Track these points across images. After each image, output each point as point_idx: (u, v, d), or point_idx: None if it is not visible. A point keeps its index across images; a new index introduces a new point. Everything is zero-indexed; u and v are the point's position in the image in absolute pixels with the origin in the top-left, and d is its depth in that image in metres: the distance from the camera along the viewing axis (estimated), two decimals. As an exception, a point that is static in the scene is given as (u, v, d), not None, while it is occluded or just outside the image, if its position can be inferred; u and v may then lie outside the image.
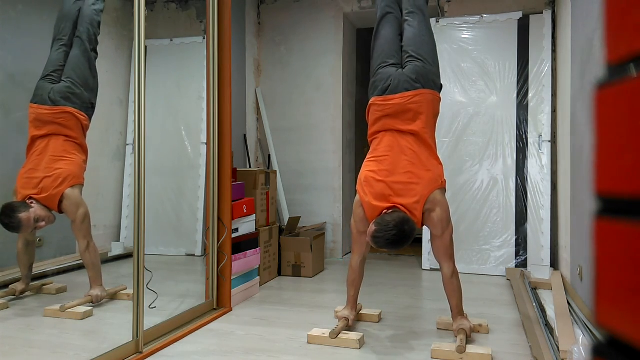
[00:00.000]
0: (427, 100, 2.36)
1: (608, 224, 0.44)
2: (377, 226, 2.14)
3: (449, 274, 2.31)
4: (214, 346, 2.30)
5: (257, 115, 4.78)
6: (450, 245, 2.31)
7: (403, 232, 2.11)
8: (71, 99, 2.79)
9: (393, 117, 2.36)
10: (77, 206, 2.70)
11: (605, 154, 0.45)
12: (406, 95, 2.34)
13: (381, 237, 2.11)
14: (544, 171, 3.80)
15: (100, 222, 3.73)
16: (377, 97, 2.41)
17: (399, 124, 2.35)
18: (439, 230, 2.28)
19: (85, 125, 2.87)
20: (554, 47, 3.86)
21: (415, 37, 2.45)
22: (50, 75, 2.81)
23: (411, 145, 2.32)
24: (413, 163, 2.29)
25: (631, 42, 0.42)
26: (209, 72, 2.86)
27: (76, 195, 2.71)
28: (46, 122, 2.74)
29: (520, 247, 3.81)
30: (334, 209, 4.56)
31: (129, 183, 3.90)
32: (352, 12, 4.57)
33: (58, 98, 2.76)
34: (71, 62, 2.85)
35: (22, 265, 2.78)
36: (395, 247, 2.14)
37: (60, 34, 2.88)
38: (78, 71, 2.84)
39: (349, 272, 2.52)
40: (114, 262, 3.66)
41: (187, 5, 4.35)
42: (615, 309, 0.43)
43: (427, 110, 2.35)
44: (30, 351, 2.16)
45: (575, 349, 1.88)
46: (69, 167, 2.71)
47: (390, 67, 2.43)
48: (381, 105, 2.39)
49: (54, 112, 2.75)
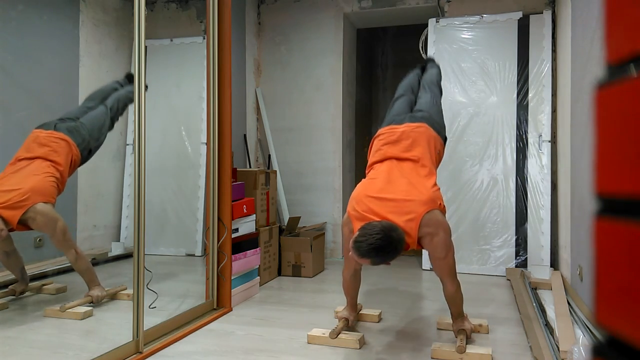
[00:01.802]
0: (430, 135, 2.40)
1: (608, 224, 0.44)
2: (361, 230, 1.95)
3: (452, 291, 2.23)
4: (214, 346, 2.30)
5: (257, 115, 4.78)
6: (453, 264, 2.19)
7: (389, 238, 1.91)
8: (74, 133, 2.85)
9: (394, 144, 2.37)
10: (55, 221, 2.59)
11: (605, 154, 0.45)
12: (410, 125, 2.42)
13: (363, 242, 1.90)
14: (544, 171, 3.80)
15: (100, 222, 3.73)
16: (382, 128, 2.50)
17: (399, 151, 2.33)
18: (442, 253, 2.12)
19: (75, 161, 2.83)
20: (554, 47, 3.86)
21: (426, 102, 2.66)
22: (65, 118, 2.92)
23: (409, 169, 2.26)
24: (410, 183, 2.18)
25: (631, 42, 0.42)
26: (209, 72, 2.86)
27: (49, 209, 2.59)
28: (39, 144, 2.73)
29: (520, 247, 3.81)
30: (334, 209, 4.56)
31: (129, 183, 3.90)
32: (352, 12, 4.57)
33: (63, 128, 2.83)
34: (88, 116, 3.01)
35: (12, 270, 2.77)
36: (379, 255, 1.91)
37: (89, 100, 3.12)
38: (91, 121, 2.97)
39: (342, 281, 2.49)
40: (114, 262, 3.66)
41: (187, 5, 4.35)
42: (615, 309, 0.43)
43: (428, 142, 2.36)
44: (30, 351, 2.16)
45: (575, 349, 1.88)
46: (39, 183, 2.60)
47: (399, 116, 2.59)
48: (385, 134, 2.44)
49: (52, 136, 2.78)
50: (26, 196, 2.52)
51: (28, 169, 2.66)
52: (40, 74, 3.13)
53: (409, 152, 2.32)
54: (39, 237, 3.03)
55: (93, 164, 3.08)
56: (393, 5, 4.39)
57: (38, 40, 3.12)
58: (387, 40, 6.58)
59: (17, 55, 2.98)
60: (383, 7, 4.45)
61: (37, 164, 2.69)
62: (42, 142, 2.75)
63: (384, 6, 4.45)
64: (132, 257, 2.21)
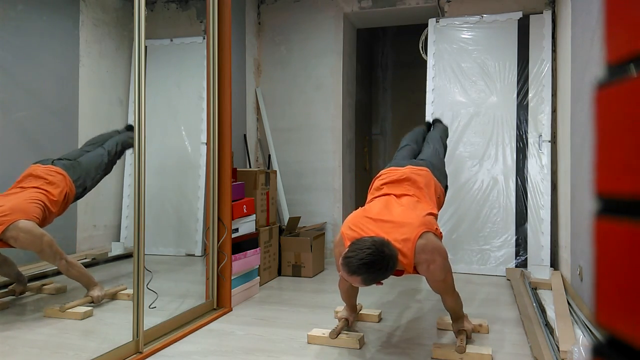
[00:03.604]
0: (430, 179, 2.42)
1: (608, 224, 0.44)
2: (351, 246, 1.87)
3: (452, 303, 2.22)
4: (214, 346, 2.30)
5: (257, 115, 4.78)
6: (452, 282, 2.15)
7: (381, 253, 1.83)
8: (70, 170, 2.86)
9: (394, 184, 2.36)
10: (39, 237, 2.50)
11: (605, 154, 0.45)
12: (413, 168, 2.44)
13: (353, 257, 1.81)
14: (544, 171, 3.80)
15: (100, 222, 3.73)
16: (384, 170, 2.52)
17: (399, 192, 2.31)
18: (440, 277, 2.06)
19: (69, 195, 2.80)
20: (554, 47, 3.86)
21: (429, 154, 2.77)
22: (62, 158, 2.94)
23: (407, 201, 2.24)
24: (407, 210, 2.14)
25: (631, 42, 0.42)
26: (209, 72, 2.86)
27: (32, 226, 2.47)
28: (36, 177, 2.72)
29: (520, 247, 3.81)
30: (334, 209, 4.56)
31: (129, 183, 3.90)
32: (352, 12, 4.57)
33: (60, 164, 2.85)
34: (86, 155, 3.04)
35: (6, 275, 2.77)
36: (370, 271, 1.81)
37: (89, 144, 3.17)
38: (88, 162, 3.01)
39: (340, 293, 2.47)
40: (114, 262, 3.66)
41: (187, 5, 4.35)
42: (615, 309, 0.43)
43: (427, 185, 2.37)
44: (30, 351, 2.16)
45: (575, 349, 1.88)
46: (21, 204, 2.52)
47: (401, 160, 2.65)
48: (386, 174, 2.44)
49: (48, 170, 2.77)
50: (6, 213, 2.42)
51: (16, 195, 2.61)
52: (40, 74, 3.13)
53: (407, 192, 2.31)
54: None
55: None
56: (393, 5, 4.39)
57: (38, 40, 3.12)
58: (387, 40, 6.58)
59: (17, 55, 2.98)
60: (383, 7, 4.45)
61: (28, 192, 2.64)
62: (38, 174, 2.74)
63: (384, 6, 4.45)
64: (132, 257, 2.21)
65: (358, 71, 5.21)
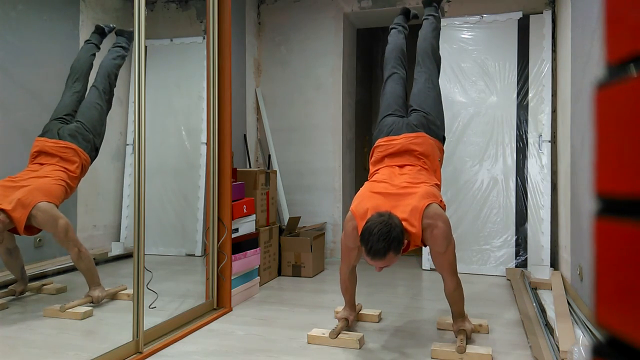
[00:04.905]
0: (428, 144, 2.44)
1: (608, 224, 0.44)
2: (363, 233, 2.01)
3: (452, 287, 2.25)
4: (214, 346, 2.30)
5: (257, 115, 4.78)
6: (454, 260, 2.21)
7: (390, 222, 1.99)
8: (78, 138, 2.86)
9: (395, 156, 2.43)
10: (55, 219, 2.59)
11: (605, 154, 0.45)
12: (409, 136, 2.44)
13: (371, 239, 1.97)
14: (544, 171, 3.80)
15: (100, 222, 3.73)
16: (381, 139, 2.52)
17: (400, 162, 2.41)
18: (442, 246, 2.14)
19: (85, 166, 2.88)
20: (554, 47, 3.86)
21: (420, 92, 2.63)
22: (62, 118, 2.91)
23: (410, 170, 2.35)
24: (411, 180, 2.27)
25: (631, 42, 0.42)
26: (209, 72, 2.86)
27: (51, 207, 2.59)
28: (49, 154, 2.77)
29: (520, 247, 3.81)
30: (334, 209, 4.56)
31: (129, 183, 3.90)
32: (352, 12, 4.57)
33: (66, 135, 2.84)
34: (84, 107, 2.97)
35: (12, 270, 2.77)
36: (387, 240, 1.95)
37: (74, 81, 3.02)
38: (89, 116, 2.95)
39: (340, 280, 2.50)
40: (114, 262, 3.66)
41: (187, 5, 4.35)
42: (615, 309, 0.43)
43: (428, 152, 2.42)
44: (30, 351, 2.16)
45: (575, 349, 1.88)
46: (46, 184, 2.63)
47: (394, 116, 2.58)
48: (384, 145, 2.47)
49: (59, 146, 2.80)
50: (31, 194, 2.55)
51: (38, 173, 2.69)
52: (40, 74, 3.13)
53: (409, 162, 2.40)
54: (39, 237, 3.02)
55: (93, 164, 3.07)
56: (393, 5, 4.39)
57: (38, 40, 3.12)
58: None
59: (17, 55, 2.98)
60: (383, 7, 4.45)
61: (49, 169, 2.72)
62: (51, 152, 2.78)
63: (384, 6, 4.45)
64: (132, 257, 2.21)
65: (358, 71, 5.21)
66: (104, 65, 3.12)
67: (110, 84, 3.08)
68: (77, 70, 3.04)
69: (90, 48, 3.15)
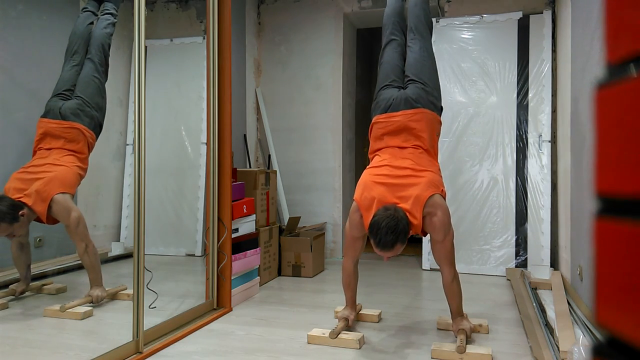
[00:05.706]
0: (427, 119, 2.44)
1: (608, 224, 0.44)
2: (371, 227, 2.12)
3: (449, 279, 2.29)
4: (214, 346, 2.30)
5: (257, 115, 4.78)
6: (452, 250, 2.27)
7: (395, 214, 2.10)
8: (80, 116, 2.85)
9: (394, 134, 2.44)
10: (68, 210, 2.64)
11: (605, 154, 0.45)
12: (407, 113, 2.43)
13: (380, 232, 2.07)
14: (544, 171, 3.80)
15: (100, 222, 3.73)
16: (379, 115, 2.51)
17: (400, 142, 2.42)
18: (440, 235, 2.23)
19: (91, 144, 2.89)
20: (554, 47, 3.86)
21: (416, 61, 2.59)
22: (62, 93, 2.88)
23: (412, 154, 2.37)
24: (413, 166, 2.31)
25: (631, 42, 0.42)
26: (209, 72, 2.86)
27: (66, 199, 2.65)
28: (54, 136, 2.77)
29: (520, 247, 3.81)
30: (334, 209, 4.56)
31: (129, 183, 3.90)
32: (352, 12, 4.57)
33: (68, 114, 2.82)
34: (82, 82, 2.93)
35: (20, 267, 2.78)
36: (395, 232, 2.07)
37: (73, 53, 2.96)
38: (88, 91, 2.92)
39: (343, 275, 2.52)
40: (114, 262, 3.66)
41: (187, 5, 4.35)
42: (615, 309, 0.43)
43: (427, 128, 2.43)
44: (30, 351, 2.16)
45: (575, 349, 1.88)
46: (62, 173, 2.68)
47: (392, 88, 2.56)
48: (383, 123, 2.47)
49: (63, 127, 2.80)
50: (50, 184, 2.60)
51: (51, 157, 2.72)
52: (40, 74, 3.13)
53: (409, 142, 2.41)
54: (39, 237, 3.03)
55: (93, 164, 3.07)
56: (393, 5, 4.38)
57: (38, 40, 3.12)
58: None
59: (17, 55, 2.98)
60: (383, 7, 4.44)
61: (58, 153, 2.74)
62: (56, 133, 2.78)
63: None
64: (132, 257, 2.21)
65: (358, 71, 5.21)
66: (96, 36, 3.01)
67: (105, 55, 3.01)
68: (75, 42, 2.98)
69: (87, 16, 3.06)
